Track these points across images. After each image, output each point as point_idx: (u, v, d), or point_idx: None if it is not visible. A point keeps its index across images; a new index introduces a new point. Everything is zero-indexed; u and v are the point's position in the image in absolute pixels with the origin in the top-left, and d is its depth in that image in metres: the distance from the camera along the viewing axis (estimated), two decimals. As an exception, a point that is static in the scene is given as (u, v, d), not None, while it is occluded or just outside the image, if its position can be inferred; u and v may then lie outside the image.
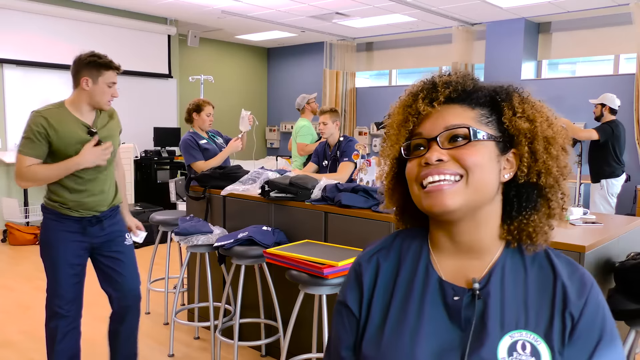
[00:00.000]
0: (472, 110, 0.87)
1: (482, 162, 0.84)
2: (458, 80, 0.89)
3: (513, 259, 0.88)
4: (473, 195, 0.84)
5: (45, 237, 2.55)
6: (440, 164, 0.84)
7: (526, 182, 0.86)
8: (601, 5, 6.72)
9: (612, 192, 5.39)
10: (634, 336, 2.14)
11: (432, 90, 0.89)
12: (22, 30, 6.81)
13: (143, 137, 7.95)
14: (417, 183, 0.86)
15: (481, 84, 0.91)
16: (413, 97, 0.90)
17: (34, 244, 6.22)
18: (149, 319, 3.92)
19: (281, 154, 10.36)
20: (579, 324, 0.82)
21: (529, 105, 0.88)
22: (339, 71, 9.61)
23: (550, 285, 0.85)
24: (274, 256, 2.56)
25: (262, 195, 3.21)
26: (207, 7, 7.31)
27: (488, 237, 0.88)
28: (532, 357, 0.80)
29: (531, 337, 0.81)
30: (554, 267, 0.87)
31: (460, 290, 0.87)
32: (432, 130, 0.86)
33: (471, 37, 8.12)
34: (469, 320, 0.84)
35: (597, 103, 5.43)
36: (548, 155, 0.85)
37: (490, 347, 0.81)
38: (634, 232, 2.61)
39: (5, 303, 4.23)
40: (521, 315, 0.83)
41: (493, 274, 0.86)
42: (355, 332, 0.93)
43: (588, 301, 0.83)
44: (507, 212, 0.89)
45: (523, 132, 0.85)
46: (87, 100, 2.57)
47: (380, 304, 0.91)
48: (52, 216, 2.55)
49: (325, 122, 4.28)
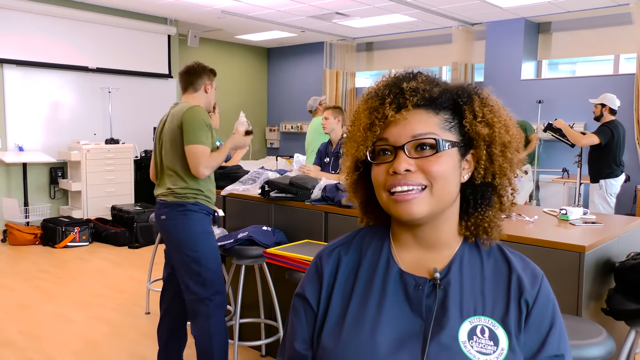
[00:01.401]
0: (437, 115, 0.89)
1: (447, 173, 0.88)
2: (425, 87, 0.90)
3: (470, 252, 0.94)
4: (437, 202, 0.88)
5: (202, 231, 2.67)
6: (407, 174, 0.87)
7: (482, 182, 0.91)
8: (601, 5, 6.72)
9: (610, 192, 5.39)
10: (634, 336, 2.14)
11: (399, 95, 0.89)
12: (22, 30, 6.81)
13: (143, 137, 7.96)
14: (385, 189, 0.89)
15: (445, 85, 0.93)
16: (380, 101, 0.91)
17: (34, 244, 6.22)
18: (149, 319, 3.93)
19: (281, 154, 10.35)
20: (532, 310, 0.88)
21: (488, 109, 0.91)
22: (339, 71, 9.61)
23: (506, 276, 0.91)
24: (274, 256, 2.56)
25: (262, 195, 3.21)
26: (207, 7, 7.31)
27: (448, 233, 0.93)
28: (490, 341, 0.85)
29: (489, 322, 0.87)
30: (508, 260, 0.93)
31: (421, 281, 0.91)
32: (399, 137, 0.88)
33: (471, 37, 8.12)
34: (429, 308, 0.88)
35: (597, 103, 5.43)
36: (504, 158, 0.90)
37: (450, 332, 0.85)
38: (634, 232, 2.61)
39: (5, 303, 4.23)
40: (479, 302, 0.88)
41: (452, 265, 0.92)
42: (312, 325, 0.95)
43: (540, 290, 0.90)
44: (464, 210, 0.94)
45: (482, 136, 0.89)
46: (204, 102, 2.84)
47: (341, 296, 0.94)
48: (203, 211, 2.69)
49: (327, 117, 4.35)
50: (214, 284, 2.65)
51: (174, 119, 2.68)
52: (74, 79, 7.35)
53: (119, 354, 3.34)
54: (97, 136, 7.57)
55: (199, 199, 2.68)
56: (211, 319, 2.64)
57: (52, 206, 7.10)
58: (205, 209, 2.70)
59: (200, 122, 2.61)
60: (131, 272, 5.17)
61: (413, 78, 0.92)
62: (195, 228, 2.66)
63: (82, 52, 7.31)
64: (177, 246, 2.67)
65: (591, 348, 1.73)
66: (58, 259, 5.64)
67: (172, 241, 2.69)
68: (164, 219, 2.68)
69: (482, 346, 0.84)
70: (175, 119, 2.67)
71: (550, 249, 2.12)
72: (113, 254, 5.86)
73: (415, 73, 0.93)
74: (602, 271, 2.27)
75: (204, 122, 2.63)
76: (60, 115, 7.28)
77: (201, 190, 2.69)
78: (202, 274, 2.63)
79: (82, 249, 6.09)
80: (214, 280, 2.66)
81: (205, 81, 2.83)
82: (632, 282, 2.13)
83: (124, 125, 7.77)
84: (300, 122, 10.30)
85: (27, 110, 6.98)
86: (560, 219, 2.64)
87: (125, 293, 4.50)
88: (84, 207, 6.90)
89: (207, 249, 2.67)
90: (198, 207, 2.67)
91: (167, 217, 2.66)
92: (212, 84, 2.88)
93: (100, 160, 7.01)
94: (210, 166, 2.64)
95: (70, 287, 4.67)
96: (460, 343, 0.84)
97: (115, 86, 7.65)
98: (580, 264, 2.07)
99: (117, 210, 6.63)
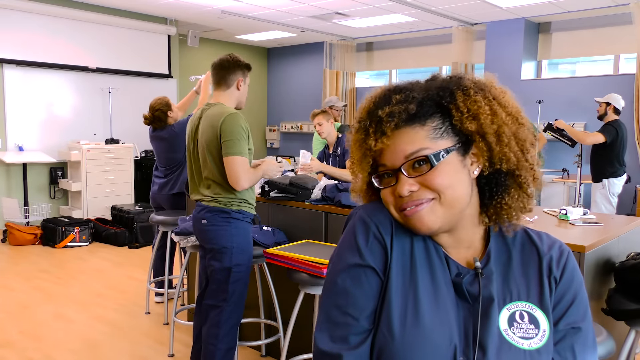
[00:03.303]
0: (423, 127, 0.88)
1: (451, 182, 0.87)
2: (400, 109, 0.87)
3: (497, 241, 0.94)
4: (450, 210, 0.88)
5: (244, 242, 2.64)
6: (412, 194, 0.87)
7: (491, 171, 0.90)
8: (601, 5, 6.72)
9: (613, 191, 5.40)
10: (634, 336, 2.14)
11: (379, 124, 0.89)
12: (22, 30, 6.81)
13: (143, 137, 7.91)
14: (396, 210, 0.91)
15: (424, 92, 0.90)
16: (364, 133, 0.91)
17: (33, 244, 6.22)
18: (149, 319, 3.93)
19: (281, 153, 10.35)
20: (559, 285, 0.90)
21: (471, 101, 0.88)
22: (339, 71, 9.61)
23: (536, 259, 0.92)
24: (274, 256, 2.56)
25: (262, 195, 3.21)
26: (207, 7, 7.31)
27: (471, 228, 0.93)
28: (531, 325, 0.87)
29: (527, 307, 0.88)
30: (533, 242, 0.94)
31: (463, 270, 0.91)
32: (394, 161, 0.89)
33: (471, 37, 8.12)
34: (473, 297, 0.89)
35: (602, 102, 5.44)
36: (502, 143, 0.88)
37: (494, 321, 0.86)
38: (634, 232, 2.61)
39: (5, 303, 4.23)
40: (514, 289, 0.90)
41: (486, 256, 0.92)
42: (379, 296, 0.89)
43: (566, 266, 0.92)
44: (482, 201, 0.93)
45: (473, 131, 0.88)
46: (236, 100, 2.71)
47: (401, 276, 0.89)
48: (246, 219, 2.66)
49: (320, 122, 4.33)
50: (233, 295, 2.62)
51: (212, 126, 2.56)
52: (74, 79, 7.34)
53: (119, 354, 3.34)
54: (97, 136, 7.57)
55: (242, 206, 2.64)
56: (221, 328, 2.61)
57: (52, 206, 7.10)
58: (248, 216, 2.67)
59: (240, 131, 2.53)
60: (131, 272, 5.17)
61: (386, 103, 0.90)
62: (237, 239, 2.61)
63: (82, 52, 7.31)
64: (213, 253, 2.62)
65: (591, 348, 1.73)
66: (58, 259, 5.64)
67: (209, 246, 2.64)
68: (205, 223, 2.61)
69: (524, 331, 0.86)
70: (212, 127, 2.56)
71: (551, 249, 2.12)
72: (113, 254, 5.86)
73: (390, 95, 0.90)
74: (602, 271, 2.27)
75: (243, 130, 2.54)
76: (60, 115, 7.27)
77: (245, 198, 2.65)
78: (227, 284, 2.60)
79: (82, 249, 6.09)
80: (235, 292, 2.62)
81: (238, 77, 2.69)
82: (632, 282, 2.13)
83: (124, 125, 7.77)
84: (300, 122, 10.30)
85: (27, 110, 6.97)
86: (560, 219, 2.64)
87: (126, 293, 4.50)
88: (84, 207, 6.90)
89: (240, 263, 2.63)
90: (242, 214, 2.63)
91: (209, 222, 2.60)
92: (246, 80, 2.73)
93: (100, 160, 7.01)
94: (249, 179, 2.56)
95: (70, 287, 4.67)
96: (502, 331, 0.86)
97: (115, 86, 7.65)
98: (580, 264, 2.07)
99: (117, 210, 6.63)
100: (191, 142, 2.71)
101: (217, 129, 2.53)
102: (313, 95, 10.04)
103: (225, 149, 2.52)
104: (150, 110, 4.16)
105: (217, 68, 2.68)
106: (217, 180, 2.59)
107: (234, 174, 2.52)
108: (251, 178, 2.58)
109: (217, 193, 2.60)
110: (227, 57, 2.69)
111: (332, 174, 3.85)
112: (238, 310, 2.66)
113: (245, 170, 2.54)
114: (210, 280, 2.66)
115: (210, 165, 2.59)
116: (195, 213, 2.69)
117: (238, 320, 2.69)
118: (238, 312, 2.66)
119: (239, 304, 2.66)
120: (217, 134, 2.53)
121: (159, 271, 4.23)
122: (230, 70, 2.66)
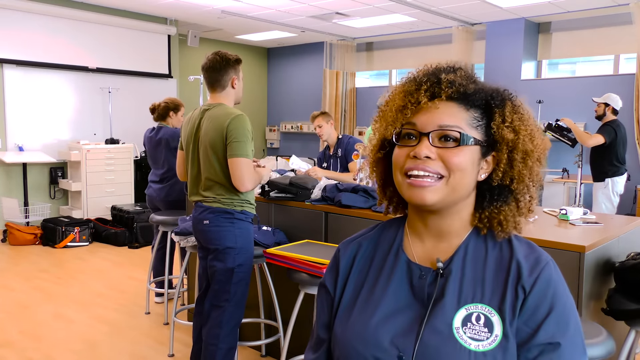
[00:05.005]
0: (467, 111, 0.92)
1: (465, 167, 0.90)
2: (462, 82, 0.92)
3: (477, 242, 0.95)
4: (451, 193, 0.91)
5: (246, 242, 2.63)
6: (427, 160, 0.89)
7: (499, 184, 0.93)
8: (601, 5, 6.72)
9: (616, 190, 5.42)
10: (634, 336, 2.14)
11: (435, 85, 0.92)
12: (22, 30, 6.81)
13: (143, 137, 7.95)
14: (402, 172, 0.92)
15: (481, 85, 0.95)
16: (416, 86, 0.94)
17: (34, 244, 6.22)
18: (149, 319, 3.93)
19: (281, 153, 10.35)
20: (529, 297, 0.88)
21: (517, 116, 0.93)
22: (339, 71, 9.61)
23: (507, 263, 0.92)
24: (274, 256, 2.56)
25: (262, 195, 3.21)
26: (207, 7, 7.31)
27: (459, 224, 0.96)
28: (485, 328, 0.87)
29: (485, 310, 0.88)
30: (512, 247, 0.94)
31: (426, 270, 0.94)
32: (426, 125, 0.91)
33: (471, 37, 8.12)
34: (430, 296, 0.92)
35: (600, 102, 5.44)
36: (524, 165, 0.92)
37: (445, 318, 0.88)
38: (634, 232, 2.61)
39: (5, 303, 4.23)
40: (478, 290, 0.90)
41: (456, 255, 0.94)
42: (330, 310, 1.02)
43: (540, 277, 0.89)
44: (479, 202, 0.96)
45: (506, 141, 0.92)
46: (234, 99, 2.70)
47: (354, 285, 1.00)
48: (248, 219, 2.66)
49: (320, 124, 4.33)
50: (235, 296, 2.62)
51: (217, 128, 2.54)
52: (74, 79, 7.34)
53: (119, 354, 3.34)
54: (97, 136, 7.57)
55: (245, 207, 2.64)
56: (223, 328, 2.61)
57: (52, 206, 7.09)
58: (250, 216, 2.67)
59: (246, 133, 2.53)
60: (131, 272, 5.17)
61: (452, 71, 0.94)
62: (240, 239, 2.60)
63: (82, 52, 7.31)
64: (216, 254, 2.61)
65: (591, 348, 1.74)
66: (58, 259, 5.64)
67: (212, 246, 2.62)
68: (207, 223, 2.60)
69: (475, 332, 0.87)
70: (218, 128, 2.54)
71: (550, 249, 2.11)
72: (113, 254, 5.86)
73: (457, 68, 0.96)
74: (602, 271, 2.27)
75: (249, 132, 2.55)
76: (60, 115, 7.27)
77: (248, 199, 2.65)
78: (229, 285, 2.60)
79: (82, 249, 6.09)
80: (237, 292, 2.62)
81: (231, 76, 2.65)
82: (632, 282, 2.13)
83: (124, 125, 7.76)
84: (300, 122, 10.30)
85: (27, 110, 6.97)
86: (560, 219, 2.64)
87: (126, 293, 4.50)
88: (84, 207, 6.90)
89: (242, 263, 2.62)
90: (244, 215, 2.63)
91: (212, 223, 2.59)
92: (239, 76, 2.68)
93: (100, 160, 7.01)
94: (254, 180, 2.57)
95: (70, 287, 4.67)
96: (453, 329, 0.87)
97: (116, 86, 7.65)
98: (580, 264, 2.07)
99: (117, 210, 6.63)
100: (191, 142, 2.68)
101: (224, 130, 2.52)
102: (313, 96, 10.03)
103: (230, 150, 2.51)
104: (160, 102, 4.36)
105: (209, 71, 2.64)
106: (220, 181, 2.58)
107: (239, 176, 2.51)
108: (255, 180, 2.59)
109: (220, 194, 2.59)
110: (215, 58, 2.63)
111: (334, 179, 3.86)
112: (239, 310, 2.66)
113: (250, 172, 2.54)
114: (212, 281, 2.66)
115: (214, 166, 2.58)
116: (195, 214, 2.67)
117: (239, 320, 2.69)
118: (239, 312, 2.66)
119: (241, 304, 2.66)
120: (223, 135, 2.52)
121: (159, 271, 4.24)
122: (222, 72, 2.63)
